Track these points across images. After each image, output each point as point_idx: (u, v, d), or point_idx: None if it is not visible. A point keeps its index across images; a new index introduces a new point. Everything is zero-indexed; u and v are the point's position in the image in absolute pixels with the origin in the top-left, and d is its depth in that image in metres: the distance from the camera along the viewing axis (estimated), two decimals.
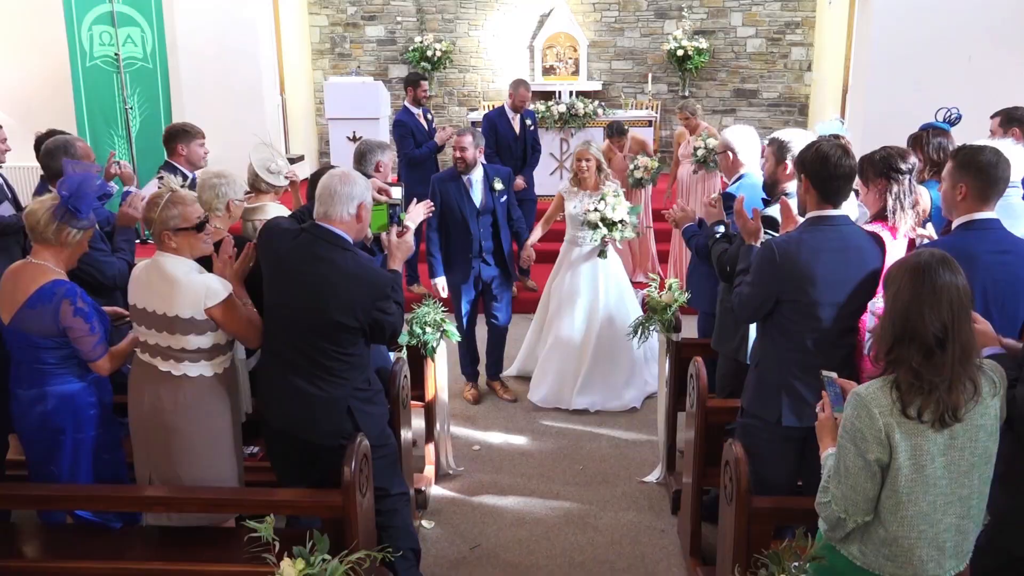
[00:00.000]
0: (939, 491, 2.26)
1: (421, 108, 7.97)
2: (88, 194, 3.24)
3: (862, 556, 2.34)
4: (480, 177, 5.52)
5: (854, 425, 2.27)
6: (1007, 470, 2.40)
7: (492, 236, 5.61)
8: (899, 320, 2.22)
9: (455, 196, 5.46)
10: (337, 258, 3.11)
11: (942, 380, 2.18)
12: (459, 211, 5.46)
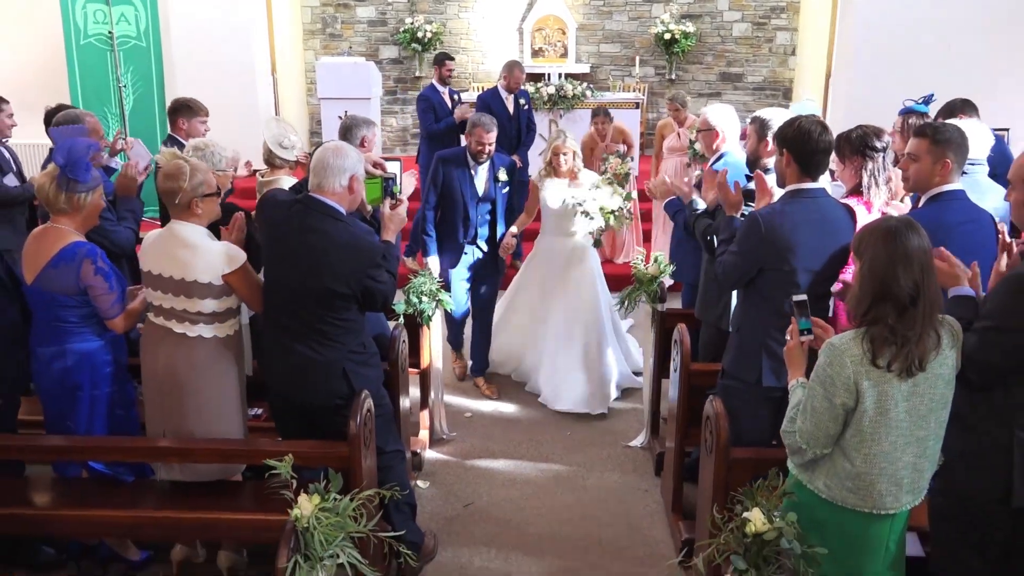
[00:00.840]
0: (900, 433, 2.49)
1: (447, 87, 8.23)
2: (80, 157, 3.38)
3: (827, 490, 2.56)
4: (487, 165, 5.44)
5: (826, 372, 2.48)
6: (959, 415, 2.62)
7: (488, 224, 5.56)
8: (876, 281, 2.43)
9: (458, 179, 5.37)
10: (329, 228, 3.27)
11: (913, 334, 2.40)
12: (460, 195, 5.38)
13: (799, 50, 11.88)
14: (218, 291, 3.32)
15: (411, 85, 12.29)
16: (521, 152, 7.94)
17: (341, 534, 2.42)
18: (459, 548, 4.08)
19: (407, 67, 12.35)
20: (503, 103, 7.83)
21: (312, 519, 2.39)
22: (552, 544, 4.12)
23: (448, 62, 8.24)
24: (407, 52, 12.17)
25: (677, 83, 12.15)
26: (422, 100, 8.06)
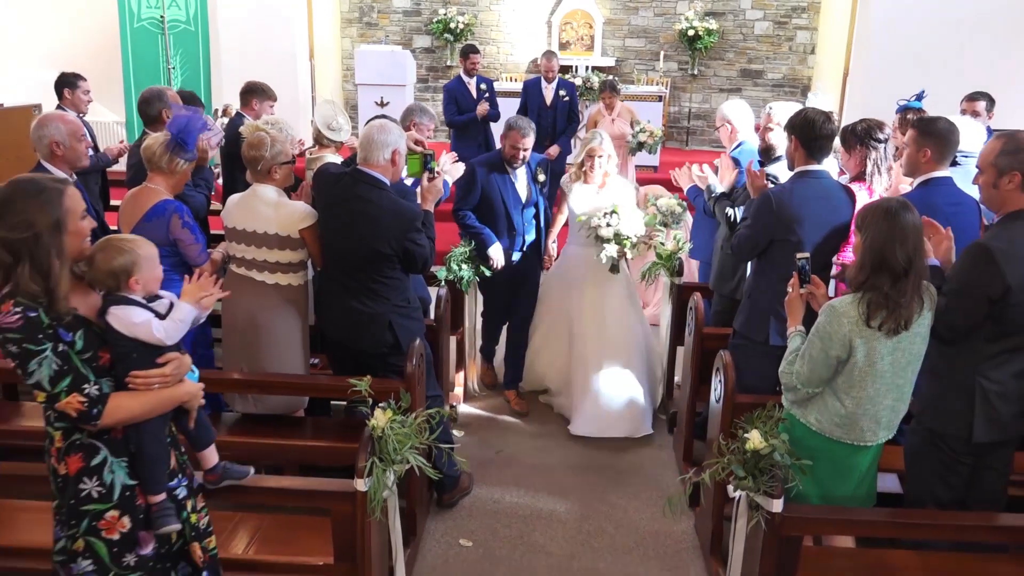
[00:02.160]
0: (883, 381, 2.95)
1: (475, 78, 8.45)
2: (193, 131, 3.91)
3: (817, 423, 3.03)
4: (524, 168, 5.16)
5: (825, 329, 2.94)
6: (933, 366, 3.09)
7: (534, 229, 5.28)
8: (875, 254, 2.88)
9: (499, 187, 5.07)
10: (375, 197, 3.72)
11: (905, 300, 2.86)
12: (502, 203, 5.08)
13: (818, 49, 12.27)
14: (293, 243, 3.82)
15: (442, 74, 12.78)
16: (562, 141, 8.33)
17: (409, 442, 2.91)
18: (492, 488, 4.56)
19: (439, 56, 12.84)
20: (541, 92, 8.26)
21: (386, 428, 2.89)
22: (575, 486, 4.60)
23: (473, 55, 8.50)
24: (439, 42, 12.65)
25: (699, 78, 12.57)
26: (446, 92, 8.44)
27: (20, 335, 2.23)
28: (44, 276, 2.25)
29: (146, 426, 2.48)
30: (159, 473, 2.54)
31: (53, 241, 2.26)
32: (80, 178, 5.68)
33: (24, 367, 2.25)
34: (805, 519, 2.88)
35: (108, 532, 2.43)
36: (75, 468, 2.40)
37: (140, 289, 2.51)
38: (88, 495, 2.41)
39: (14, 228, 2.22)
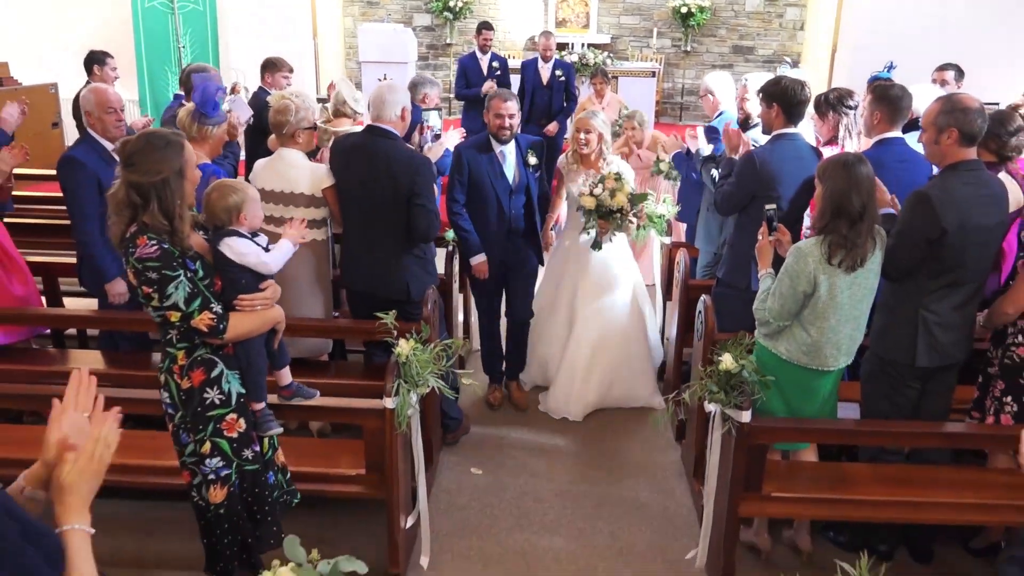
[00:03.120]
0: (843, 312, 3.40)
1: (488, 54, 8.72)
2: (211, 97, 4.32)
3: (787, 352, 3.49)
4: (513, 149, 4.85)
5: (793, 268, 3.39)
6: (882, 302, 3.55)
7: (525, 216, 4.97)
8: (834, 201, 3.32)
9: (486, 171, 4.78)
10: (387, 145, 4.16)
11: (861, 240, 3.31)
12: (491, 187, 4.79)
13: (807, 25, 12.66)
14: (318, 202, 4.25)
15: (442, 51, 13.16)
16: (560, 119, 8.63)
17: (429, 368, 3.37)
18: (499, 427, 5.04)
19: (439, 34, 13.21)
20: (537, 72, 8.56)
21: (410, 355, 3.35)
22: (572, 427, 5.07)
23: (485, 31, 8.83)
24: (439, 20, 13.02)
25: (692, 55, 12.96)
26: (459, 65, 8.81)
27: (159, 263, 2.69)
28: (169, 215, 2.71)
29: (252, 342, 2.99)
30: (262, 384, 3.07)
31: (176, 185, 2.72)
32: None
33: (162, 291, 2.71)
34: (769, 428, 3.35)
35: (229, 431, 2.94)
36: (199, 380, 2.88)
37: (247, 224, 3.00)
38: (212, 402, 2.91)
39: (146, 174, 2.68)
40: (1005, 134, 3.97)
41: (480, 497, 4.31)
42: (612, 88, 9.33)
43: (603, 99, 8.71)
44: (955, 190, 3.32)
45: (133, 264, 2.71)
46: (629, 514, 4.20)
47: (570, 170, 5.01)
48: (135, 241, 2.70)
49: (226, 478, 3.00)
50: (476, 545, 3.91)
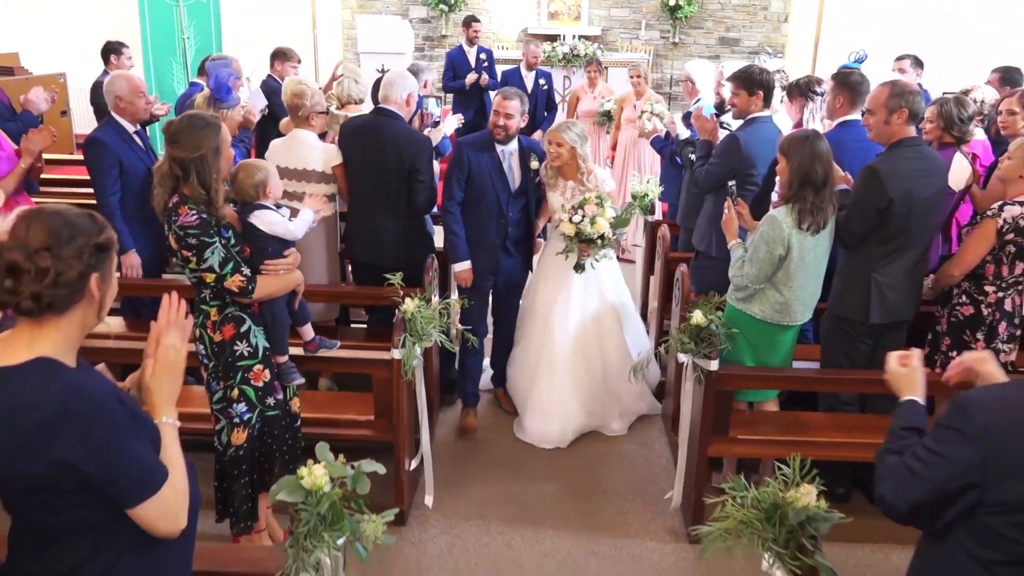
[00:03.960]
0: (809, 272, 3.81)
1: (475, 47, 8.97)
2: (223, 83, 4.71)
3: (761, 312, 3.88)
4: (515, 149, 4.70)
5: (770, 234, 3.77)
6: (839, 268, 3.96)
7: (523, 222, 4.82)
8: (801, 172, 3.70)
9: (488, 170, 4.61)
10: (392, 123, 4.56)
11: (824, 205, 3.71)
12: (491, 187, 4.63)
13: (791, 17, 13.05)
14: (328, 178, 4.64)
15: (438, 43, 13.49)
16: (544, 127, 8.76)
17: (431, 323, 3.77)
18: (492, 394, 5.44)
19: (434, 26, 13.54)
20: (522, 81, 8.70)
21: (414, 311, 3.74)
22: None
23: (474, 23, 9.12)
24: (435, 12, 13.35)
25: (680, 46, 13.33)
26: (447, 59, 9.08)
27: (198, 231, 3.08)
28: (206, 187, 3.09)
29: (276, 302, 3.40)
30: (285, 339, 3.49)
31: (213, 161, 3.09)
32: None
33: (200, 255, 3.09)
34: (734, 375, 3.76)
35: (255, 380, 3.33)
36: (230, 334, 3.28)
37: (271, 198, 3.38)
38: (241, 354, 3.30)
39: (187, 150, 3.06)
40: (966, 120, 4.41)
41: (477, 450, 4.71)
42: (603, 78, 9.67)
43: (595, 87, 9.06)
44: (900, 164, 3.73)
45: (175, 231, 3.10)
46: (613, 463, 4.61)
47: (549, 181, 4.79)
48: (177, 211, 3.08)
49: (247, 421, 3.38)
50: (474, 490, 4.31)
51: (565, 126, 4.70)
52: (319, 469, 2.29)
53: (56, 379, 1.68)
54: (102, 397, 1.70)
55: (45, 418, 1.63)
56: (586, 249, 4.58)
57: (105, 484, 1.69)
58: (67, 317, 1.74)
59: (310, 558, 2.20)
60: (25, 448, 1.64)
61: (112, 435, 1.68)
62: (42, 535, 1.77)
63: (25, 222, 1.69)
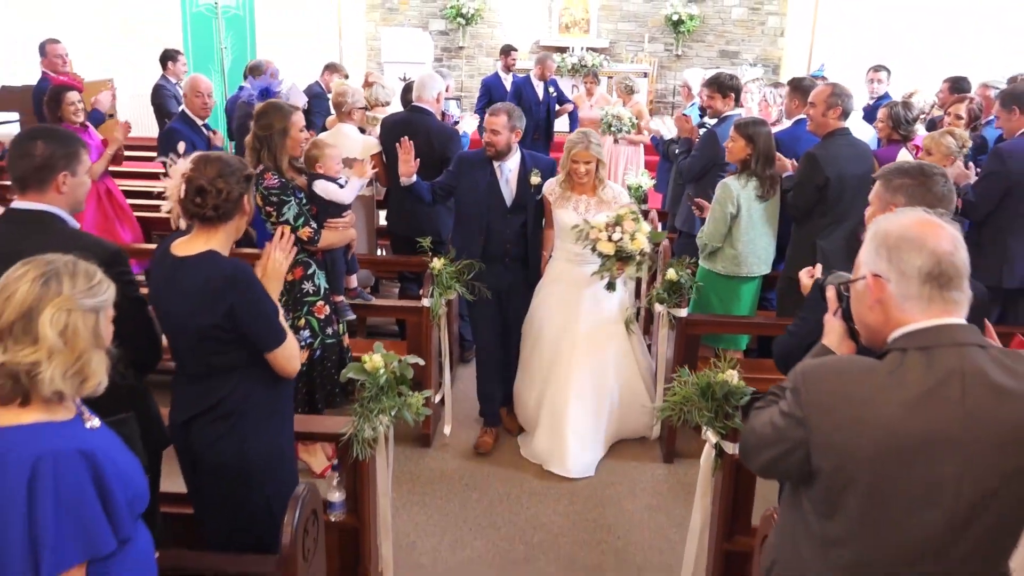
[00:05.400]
0: (757, 230, 4.69)
1: (511, 74, 9.27)
2: (271, 88, 5.65)
3: (723, 267, 4.75)
4: (515, 166, 4.65)
5: (722, 196, 4.65)
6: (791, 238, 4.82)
7: (520, 238, 4.72)
8: (758, 147, 4.60)
9: (478, 186, 4.63)
10: (425, 119, 5.44)
11: (768, 175, 4.61)
12: (483, 204, 4.63)
13: (787, 32, 13.92)
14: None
15: (455, 54, 14.44)
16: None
17: (454, 279, 4.63)
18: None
19: (452, 38, 14.49)
20: (533, 89, 9.15)
21: (441, 268, 4.61)
22: None
23: (513, 52, 9.37)
24: (452, 25, 14.29)
25: (682, 58, 14.22)
26: (483, 85, 9.39)
27: (278, 191, 3.93)
28: (274, 159, 3.95)
29: (336, 251, 4.27)
30: (341, 281, 4.35)
31: (280, 140, 3.94)
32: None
33: (279, 211, 3.94)
34: (700, 320, 4.60)
35: (318, 313, 4.14)
36: (299, 275, 4.09)
37: (327, 171, 4.25)
38: (307, 291, 4.12)
39: (261, 128, 3.93)
40: (911, 121, 5.29)
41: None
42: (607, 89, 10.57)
43: (592, 96, 9.78)
44: (833, 150, 4.59)
45: (261, 191, 3.96)
46: None
47: (559, 197, 4.59)
48: (263, 176, 3.95)
49: (310, 345, 4.22)
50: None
51: (587, 141, 4.45)
52: (377, 357, 3.16)
53: (223, 262, 2.57)
54: (251, 274, 2.59)
55: (218, 286, 2.51)
56: (623, 267, 4.39)
57: (252, 333, 2.57)
58: (229, 224, 2.63)
59: (373, 415, 3.06)
60: (204, 306, 2.52)
61: (259, 298, 2.57)
62: (201, 374, 2.65)
63: (202, 162, 2.58)
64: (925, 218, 1.87)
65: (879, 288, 1.83)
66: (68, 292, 1.76)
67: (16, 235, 2.53)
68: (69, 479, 1.72)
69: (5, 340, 1.71)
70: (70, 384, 1.76)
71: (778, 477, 2.10)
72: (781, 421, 1.87)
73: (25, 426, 1.74)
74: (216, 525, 2.77)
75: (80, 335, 1.76)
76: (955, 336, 1.76)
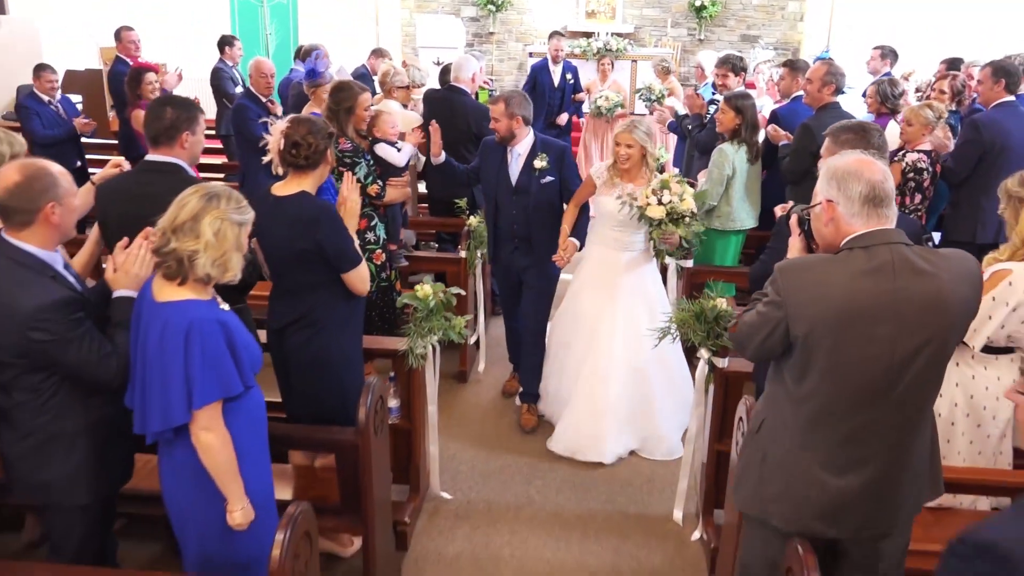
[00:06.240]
0: (748, 187, 5.33)
1: (560, 64, 9.19)
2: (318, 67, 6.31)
3: (720, 223, 5.40)
4: (524, 150, 4.76)
5: (718, 159, 5.30)
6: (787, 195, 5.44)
7: (525, 220, 4.80)
8: (745, 115, 5.24)
9: (494, 166, 4.84)
10: (462, 97, 6.11)
11: (756, 140, 5.25)
12: (494, 184, 4.86)
13: (806, 16, 14.39)
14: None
15: (486, 39, 15.04)
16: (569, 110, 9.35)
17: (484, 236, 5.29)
18: None
19: (483, 24, 15.09)
20: (549, 74, 9.24)
21: (477, 225, 5.29)
22: None
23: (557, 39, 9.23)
24: (483, 12, 14.90)
25: (705, 43, 14.73)
26: (531, 70, 9.48)
27: (351, 154, 4.59)
28: (342, 129, 4.61)
29: (396, 206, 4.96)
30: (398, 232, 5.03)
31: (345, 115, 4.59)
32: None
33: (351, 170, 4.58)
34: (702, 270, 5.24)
35: (376, 260, 4.74)
36: (363, 226, 4.70)
37: (383, 134, 4.93)
38: (368, 240, 4.73)
39: (336, 102, 4.59)
40: (897, 96, 5.87)
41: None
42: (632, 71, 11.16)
43: (606, 81, 10.09)
44: (825, 121, 5.10)
45: (336, 154, 4.63)
46: None
47: (605, 181, 4.66)
48: (338, 141, 4.62)
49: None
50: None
51: (632, 125, 4.58)
52: (427, 286, 3.84)
53: (313, 200, 3.28)
54: (334, 210, 3.29)
55: (311, 217, 3.21)
56: (673, 233, 4.46)
57: (334, 256, 3.26)
58: (316, 171, 3.33)
59: (424, 334, 3.75)
60: (298, 235, 3.21)
61: (341, 227, 3.27)
62: (293, 289, 3.35)
63: (296, 122, 3.28)
64: (862, 157, 2.51)
65: (831, 209, 2.44)
66: (224, 207, 2.46)
67: (150, 180, 3.22)
68: (211, 339, 2.43)
69: (177, 234, 2.41)
70: (216, 271, 2.46)
71: (766, 356, 2.58)
72: (765, 308, 2.45)
73: (182, 301, 2.45)
74: (304, 414, 3.49)
75: (227, 238, 2.46)
76: (887, 237, 2.39)
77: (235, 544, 2.57)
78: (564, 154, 4.81)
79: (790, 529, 2.50)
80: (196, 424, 2.42)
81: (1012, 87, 5.51)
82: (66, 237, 2.71)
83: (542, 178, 4.71)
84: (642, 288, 4.74)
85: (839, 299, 2.33)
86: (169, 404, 2.40)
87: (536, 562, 3.86)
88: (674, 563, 3.88)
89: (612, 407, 4.65)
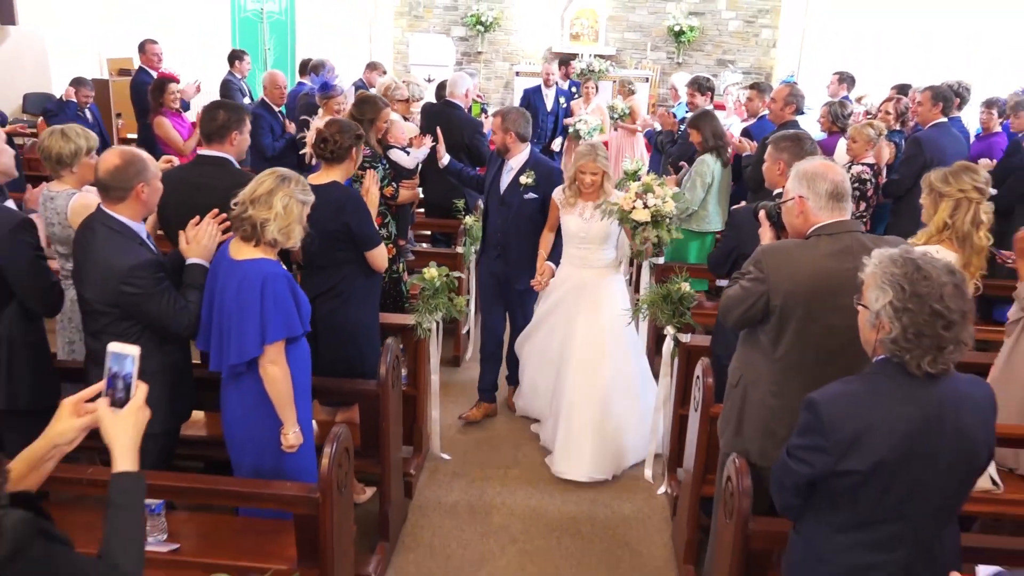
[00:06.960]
0: (721, 194, 5.99)
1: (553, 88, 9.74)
2: (329, 82, 6.95)
3: (697, 225, 6.05)
4: (517, 165, 5.04)
5: (699, 169, 5.95)
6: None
7: (506, 232, 5.10)
8: (712, 130, 5.91)
9: (491, 174, 5.23)
10: (455, 111, 6.72)
11: (727, 147, 5.91)
12: (488, 191, 5.25)
13: (779, 44, 15.21)
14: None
15: (474, 58, 15.75)
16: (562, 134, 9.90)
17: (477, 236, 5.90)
18: None
19: (471, 44, 15.80)
20: (542, 98, 9.79)
21: (472, 224, 5.91)
22: None
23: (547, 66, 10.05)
24: (472, 32, 15.61)
25: (683, 66, 15.49)
26: (524, 94, 10.03)
27: (370, 159, 5.07)
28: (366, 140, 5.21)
29: (407, 206, 5.56)
30: (407, 229, 5.63)
31: (369, 125, 5.13)
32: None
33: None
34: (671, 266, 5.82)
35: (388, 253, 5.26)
36: (379, 223, 5.23)
37: (396, 140, 5.54)
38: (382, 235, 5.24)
39: (360, 113, 5.16)
40: (846, 116, 6.60)
41: None
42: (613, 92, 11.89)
43: (589, 103, 10.51)
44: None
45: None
46: None
47: (565, 203, 4.87)
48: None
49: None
50: None
51: (592, 152, 4.77)
52: (433, 270, 4.46)
53: (342, 189, 3.90)
54: (360, 197, 3.92)
55: (341, 201, 3.83)
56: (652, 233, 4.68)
57: (358, 236, 3.88)
58: (343, 165, 3.96)
59: (431, 308, 4.37)
60: (330, 217, 3.81)
61: (365, 211, 3.90)
62: (324, 265, 3.96)
63: (329, 122, 3.90)
64: (826, 161, 3.18)
65: (802, 204, 3.05)
66: (292, 188, 3.08)
67: (203, 171, 3.82)
68: (280, 289, 3.05)
69: (255, 204, 3.02)
70: (281, 236, 3.07)
71: (746, 323, 3.05)
72: (748, 283, 2.96)
73: (256, 259, 3.06)
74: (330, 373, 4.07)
75: (293, 212, 3.07)
76: (847, 226, 2.99)
77: (284, 462, 3.16)
78: (552, 175, 5.06)
79: (764, 464, 3.00)
80: (265, 357, 3.02)
81: (947, 110, 6.24)
82: (150, 212, 3.32)
83: (525, 194, 4.99)
84: (610, 302, 4.90)
85: (810, 275, 2.89)
86: (245, 341, 3.01)
87: (523, 508, 4.47)
88: (642, 511, 4.51)
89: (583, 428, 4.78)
